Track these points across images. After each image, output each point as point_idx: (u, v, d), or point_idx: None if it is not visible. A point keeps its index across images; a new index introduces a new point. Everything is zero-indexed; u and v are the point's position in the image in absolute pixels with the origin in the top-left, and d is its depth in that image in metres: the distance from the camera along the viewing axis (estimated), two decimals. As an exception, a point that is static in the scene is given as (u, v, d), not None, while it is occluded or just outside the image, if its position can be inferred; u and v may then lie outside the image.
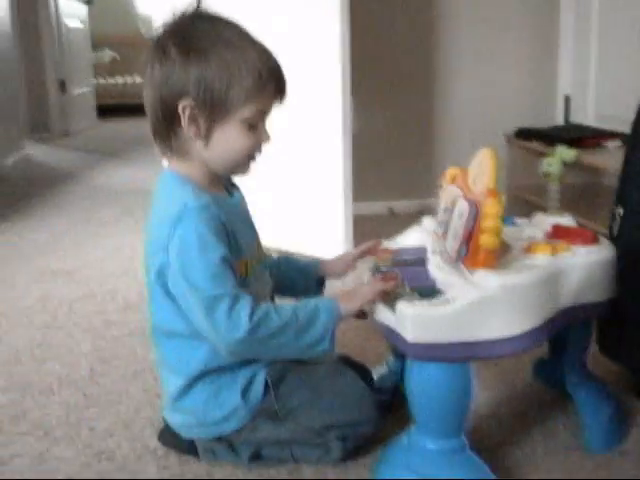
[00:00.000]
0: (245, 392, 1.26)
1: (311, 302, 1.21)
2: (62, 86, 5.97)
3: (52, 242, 2.84)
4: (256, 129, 1.23)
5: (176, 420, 1.31)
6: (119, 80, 7.78)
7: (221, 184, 1.31)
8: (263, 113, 1.23)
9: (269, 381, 1.26)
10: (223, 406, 1.25)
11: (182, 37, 1.19)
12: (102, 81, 7.69)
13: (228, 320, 1.14)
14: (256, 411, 1.26)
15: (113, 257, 2.62)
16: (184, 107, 1.18)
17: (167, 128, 1.21)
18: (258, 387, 1.26)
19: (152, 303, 1.27)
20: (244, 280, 1.23)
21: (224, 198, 1.28)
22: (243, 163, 1.26)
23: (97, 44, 7.80)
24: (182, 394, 1.27)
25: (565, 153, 1.36)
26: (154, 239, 1.22)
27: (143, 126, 1.26)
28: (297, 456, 1.28)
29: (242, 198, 1.36)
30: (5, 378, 1.66)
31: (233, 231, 1.21)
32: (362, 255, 1.43)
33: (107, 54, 8.06)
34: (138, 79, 7.59)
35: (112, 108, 7.40)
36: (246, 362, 1.26)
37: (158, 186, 1.28)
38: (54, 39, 5.82)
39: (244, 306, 1.14)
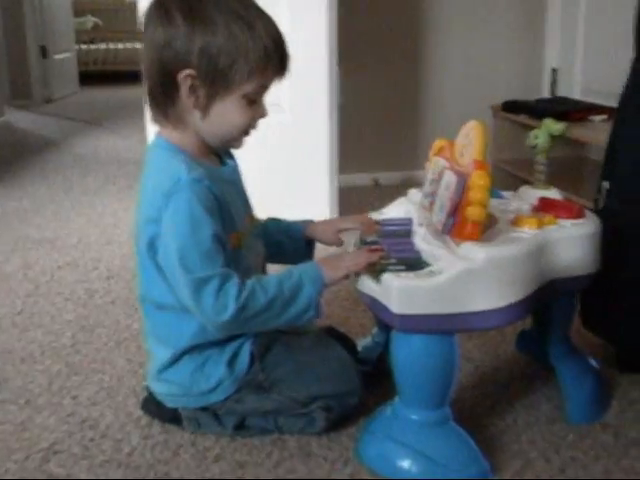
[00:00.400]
0: (231, 364, 1.25)
1: (295, 273, 1.20)
2: (43, 52, 5.87)
3: (34, 210, 2.81)
4: (255, 104, 1.21)
5: (161, 389, 1.31)
6: (101, 46, 7.67)
7: (213, 153, 1.29)
8: (264, 88, 1.21)
9: (255, 353, 1.26)
10: (209, 378, 1.25)
11: (187, 2, 1.15)
12: (84, 47, 7.58)
13: (215, 302, 1.13)
14: (241, 382, 1.26)
15: (96, 225, 2.60)
16: (185, 77, 1.15)
17: (164, 94, 1.18)
18: (244, 359, 1.26)
19: (142, 274, 1.25)
20: (237, 252, 1.22)
21: (217, 169, 1.26)
22: (238, 137, 1.24)
23: (79, 10, 7.68)
24: (169, 365, 1.27)
25: (552, 126, 1.34)
26: (145, 209, 1.20)
27: (126, 93, 1.24)
28: (281, 426, 1.28)
29: (235, 167, 1.33)
30: (-14, 346, 1.65)
31: (227, 204, 1.20)
32: (348, 229, 1.41)
33: (89, 20, 7.94)
34: (121, 45, 7.51)
35: (94, 75, 7.30)
36: (233, 336, 1.25)
37: (150, 154, 1.25)
38: (35, 4, 5.71)
39: (232, 287, 1.14)
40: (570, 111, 2.56)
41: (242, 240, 1.24)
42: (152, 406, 1.33)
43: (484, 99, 3.03)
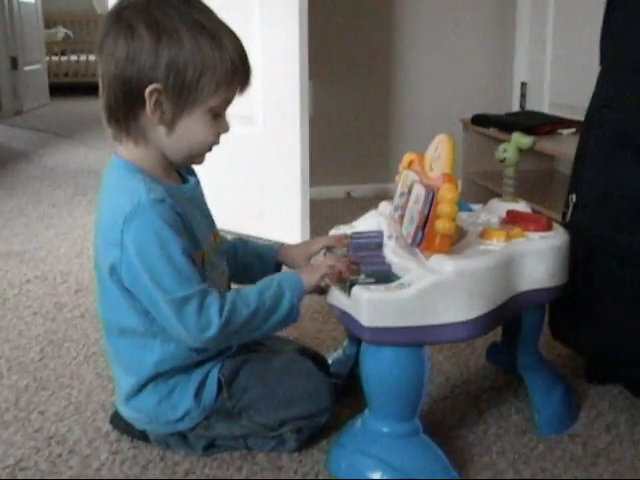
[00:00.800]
0: (198, 393, 1.23)
1: (274, 281, 1.19)
2: (13, 63, 5.83)
3: (2, 223, 2.78)
4: (218, 118, 1.19)
5: (128, 415, 1.29)
6: (72, 58, 7.63)
7: (174, 171, 1.26)
8: (228, 102, 1.19)
9: (222, 380, 1.23)
10: (176, 408, 1.23)
11: (151, 15, 1.11)
12: (55, 59, 7.53)
13: (198, 320, 1.12)
14: (209, 411, 1.24)
15: (65, 238, 2.57)
16: (151, 92, 1.11)
17: (126, 110, 1.14)
18: (211, 387, 1.24)
19: (104, 299, 1.23)
20: (201, 271, 1.19)
21: (178, 187, 1.23)
22: (202, 153, 1.22)
23: (50, 22, 7.64)
24: (134, 394, 1.25)
25: (521, 140, 1.36)
26: (105, 233, 1.16)
27: (96, 105, 1.20)
28: (251, 446, 1.27)
29: (197, 183, 1.30)
30: (-48, 361, 1.62)
31: (189, 222, 1.17)
32: (320, 250, 1.40)
33: (60, 32, 7.90)
34: (92, 57, 7.46)
35: (65, 86, 7.27)
36: (201, 362, 1.24)
37: (107, 175, 1.21)
38: (5, 15, 5.68)
39: (212, 303, 1.12)
40: (539, 125, 2.59)
41: (206, 259, 1.22)
42: (121, 422, 1.32)
43: (455, 112, 3.06)
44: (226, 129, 1.21)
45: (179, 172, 1.28)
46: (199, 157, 1.23)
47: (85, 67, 7.57)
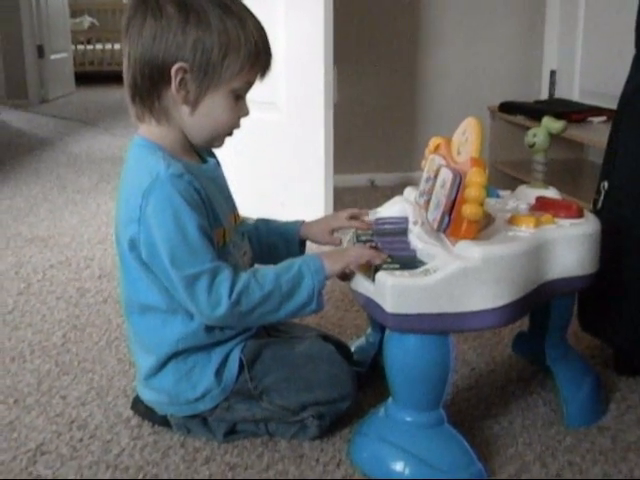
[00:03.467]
0: (219, 372, 1.22)
1: (294, 265, 1.17)
2: (40, 52, 5.85)
3: (27, 209, 2.78)
4: (240, 101, 1.19)
5: (148, 397, 1.28)
6: (98, 47, 7.65)
7: (194, 151, 1.26)
8: (249, 85, 1.19)
9: (244, 360, 1.22)
10: (196, 387, 1.22)
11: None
12: (80, 47, 7.56)
13: (208, 297, 1.11)
14: (230, 391, 1.23)
15: (89, 224, 2.57)
16: (177, 70, 1.11)
17: (151, 89, 1.14)
18: (232, 367, 1.23)
19: (125, 276, 1.22)
20: (223, 249, 1.20)
21: (198, 166, 1.23)
22: (222, 135, 1.22)
23: (76, 10, 7.67)
24: (154, 373, 1.24)
25: (551, 124, 1.32)
26: (125, 209, 1.16)
27: (121, 94, 1.20)
28: (272, 432, 1.26)
29: (216, 165, 1.30)
30: (-25, 345, 1.62)
31: (209, 199, 1.17)
32: (342, 228, 1.39)
33: (86, 20, 7.92)
34: (117, 46, 7.48)
35: (90, 75, 7.29)
36: (221, 341, 1.23)
37: (129, 153, 1.22)
38: (32, 4, 5.69)
39: (223, 281, 1.11)
40: (569, 112, 2.54)
41: (227, 236, 1.22)
42: (142, 407, 1.31)
43: (482, 100, 3.02)
44: (246, 113, 1.21)
45: (199, 154, 1.28)
46: (219, 140, 1.23)
47: (110, 56, 7.59)
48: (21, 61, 5.69)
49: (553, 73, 3.09)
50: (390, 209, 1.40)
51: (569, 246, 1.18)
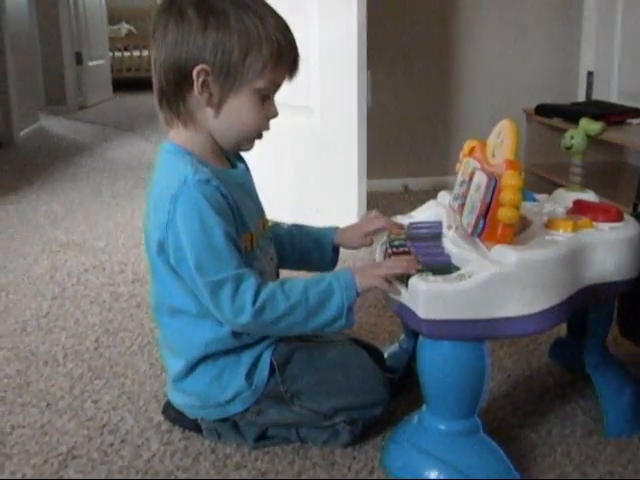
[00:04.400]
0: (249, 375, 1.21)
1: (325, 280, 1.15)
2: (78, 58, 5.94)
3: (64, 213, 2.81)
4: (266, 102, 1.18)
5: (179, 401, 1.27)
6: (135, 53, 7.74)
7: (223, 156, 1.25)
8: (275, 86, 1.18)
9: (275, 363, 1.21)
10: (227, 389, 1.21)
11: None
12: (118, 54, 7.65)
13: (232, 305, 1.11)
14: (261, 394, 1.21)
15: (124, 229, 2.59)
16: (199, 72, 1.12)
17: (176, 92, 1.15)
18: (263, 369, 1.22)
19: (155, 279, 1.22)
20: (250, 254, 1.19)
21: (226, 171, 1.22)
22: (250, 138, 1.21)
23: (114, 18, 7.76)
24: (183, 376, 1.23)
25: (589, 126, 1.29)
26: (154, 214, 1.17)
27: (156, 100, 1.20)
28: (304, 438, 1.24)
29: (245, 170, 1.29)
30: (10, 348, 1.63)
31: (236, 204, 1.16)
32: (375, 232, 1.37)
33: (124, 27, 8.02)
34: (154, 53, 7.54)
35: (128, 81, 7.37)
36: (251, 344, 1.22)
37: (158, 158, 1.22)
38: (70, 11, 5.78)
39: (248, 288, 1.10)
40: (607, 114, 2.50)
41: (255, 242, 1.21)
42: (173, 412, 1.30)
43: (518, 103, 2.98)
44: (274, 114, 1.20)
45: (228, 159, 1.27)
46: (248, 142, 1.22)
47: (147, 62, 7.65)
48: (60, 68, 5.79)
49: (590, 74, 3.04)
50: (424, 213, 1.38)
51: (608, 250, 1.14)
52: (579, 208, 1.24)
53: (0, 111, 4.26)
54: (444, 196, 1.37)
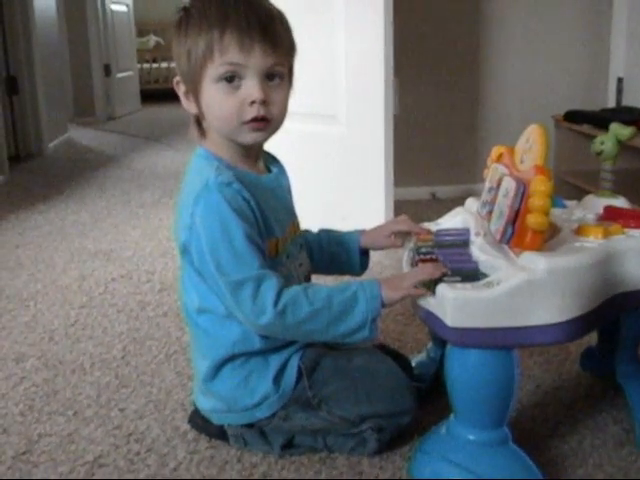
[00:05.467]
0: (277, 379, 1.21)
1: (350, 288, 1.14)
2: (107, 70, 6.00)
3: (92, 223, 2.84)
4: (240, 89, 1.13)
5: (206, 405, 1.27)
6: (163, 65, 7.80)
7: (257, 160, 1.25)
8: (239, 66, 1.11)
9: (302, 368, 1.21)
10: (254, 393, 1.21)
11: (189, 12, 1.16)
12: (146, 66, 7.72)
13: (253, 305, 1.10)
14: (288, 399, 1.21)
15: (151, 239, 2.60)
16: (176, 84, 1.19)
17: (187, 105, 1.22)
18: (291, 374, 1.21)
19: (183, 279, 1.24)
20: (275, 260, 1.18)
21: (255, 176, 1.22)
22: (235, 128, 1.15)
23: (142, 30, 7.84)
24: (210, 377, 1.23)
25: (620, 130, 1.27)
26: (180, 216, 1.18)
27: (184, 111, 1.23)
28: (331, 445, 1.23)
29: (280, 175, 1.29)
30: (38, 357, 1.64)
31: (262, 209, 1.16)
32: (400, 233, 1.35)
33: (152, 39, 8.10)
34: (182, 64, 7.59)
35: (155, 93, 7.43)
36: (278, 347, 1.21)
37: (190, 162, 1.24)
38: (99, 23, 5.85)
39: (269, 289, 1.10)
40: (637, 120, 2.46)
41: (280, 247, 1.21)
42: (199, 421, 1.30)
43: (546, 110, 2.95)
44: (251, 96, 1.12)
45: (266, 164, 1.28)
46: (240, 133, 1.16)
47: (175, 74, 7.72)
48: (89, 80, 5.86)
49: (620, 80, 3.00)
50: (452, 220, 1.36)
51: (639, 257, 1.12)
52: (610, 214, 1.22)
53: (30, 123, 4.32)
54: (472, 203, 1.35)
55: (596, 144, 1.30)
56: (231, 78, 1.13)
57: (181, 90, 1.19)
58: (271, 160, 1.30)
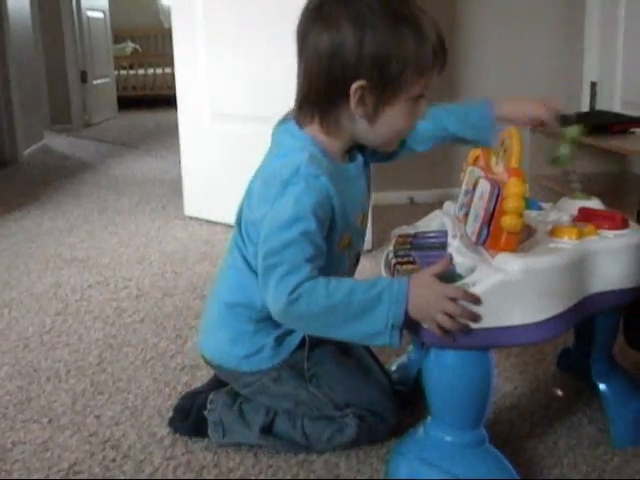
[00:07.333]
0: (279, 338, 1.23)
1: (377, 286, 1.06)
2: (83, 77, 5.96)
3: (67, 230, 2.81)
4: (418, 103, 1.15)
5: (207, 341, 1.31)
6: (140, 72, 7.77)
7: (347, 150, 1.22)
8: (427, 87, 1.15)
9: (307, 339, 1.22)
10: (255, 342, 1.23)
11: (352, 8, 1.09)
12: (123, 73, 7.69)
13: (275, 290, 1.07)
14: (283, 361, 1.23)
15: (128, 245, 2.58)
16: (356, 89, 1.09)
17: (327, 103, 1.13)
18: (294, 338, 1.23)
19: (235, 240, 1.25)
20: (342, 255, 1.20)
21: (343, 167, 1.19)
22: (397, 141, 1.22)
23: (119, 36, 7.80)
24: (227, 310, 1.26)
25: (570, 131, 1.30)
26: (260, 190, 1.15)
27: (162, 117, 1.22)
28: (309, 434, 1.24)
29: (362, 163, 1.25)
30: (12, 364, 1.62)
31: (344, 205, 1.14)
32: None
33: (129, 46, 8.07)
34: (159, 71, 7.59)
35: (133, 100, 7.40)
36: None
37: (278, 136, 1.20)
38: (75, 30, 5.81)
39: (293, 278, 1.06)
40: (610, 124, 2.49)
41: (353, 240, 1.22)
42: (179, 419, 1.32)
43: (522, 114, 2.96)
44: (423, 112, 1.17)
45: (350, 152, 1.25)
46: (394, 144, 1.22)
47: (152, 81, 7.70)
48: (65, 86, 5.81)
49: (594, 85, 3.03)
50: (429, 223, 1.37)
51: (613, 258, 1.13)
52: (584, 216, 1.23)
53: (5, 129, 4.27)
54: (449, 206, 1.36)
55: (553, 153, 1.32)
56: (419, 97, 1.14)
57: (357, 95, 1.10)
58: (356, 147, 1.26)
